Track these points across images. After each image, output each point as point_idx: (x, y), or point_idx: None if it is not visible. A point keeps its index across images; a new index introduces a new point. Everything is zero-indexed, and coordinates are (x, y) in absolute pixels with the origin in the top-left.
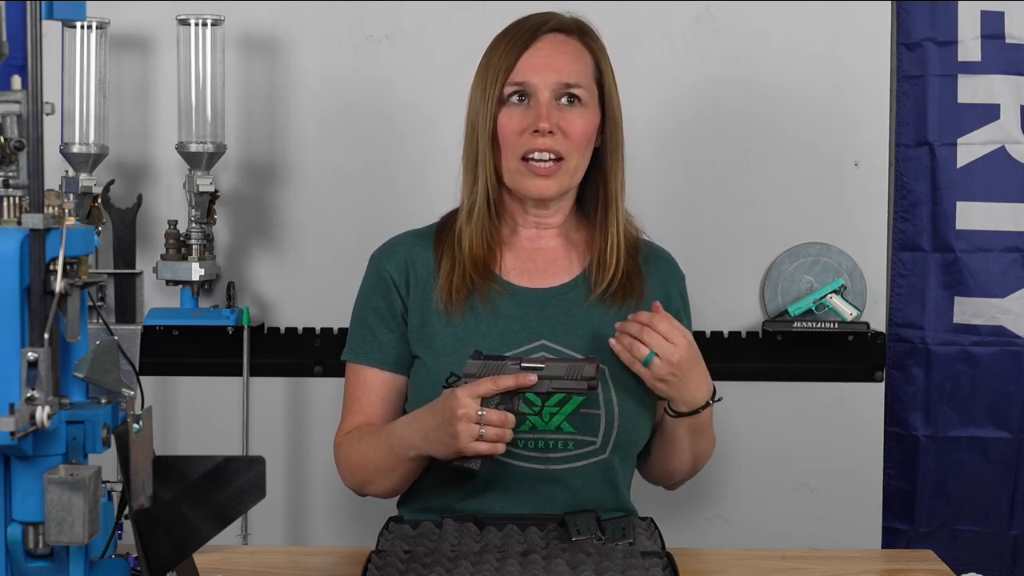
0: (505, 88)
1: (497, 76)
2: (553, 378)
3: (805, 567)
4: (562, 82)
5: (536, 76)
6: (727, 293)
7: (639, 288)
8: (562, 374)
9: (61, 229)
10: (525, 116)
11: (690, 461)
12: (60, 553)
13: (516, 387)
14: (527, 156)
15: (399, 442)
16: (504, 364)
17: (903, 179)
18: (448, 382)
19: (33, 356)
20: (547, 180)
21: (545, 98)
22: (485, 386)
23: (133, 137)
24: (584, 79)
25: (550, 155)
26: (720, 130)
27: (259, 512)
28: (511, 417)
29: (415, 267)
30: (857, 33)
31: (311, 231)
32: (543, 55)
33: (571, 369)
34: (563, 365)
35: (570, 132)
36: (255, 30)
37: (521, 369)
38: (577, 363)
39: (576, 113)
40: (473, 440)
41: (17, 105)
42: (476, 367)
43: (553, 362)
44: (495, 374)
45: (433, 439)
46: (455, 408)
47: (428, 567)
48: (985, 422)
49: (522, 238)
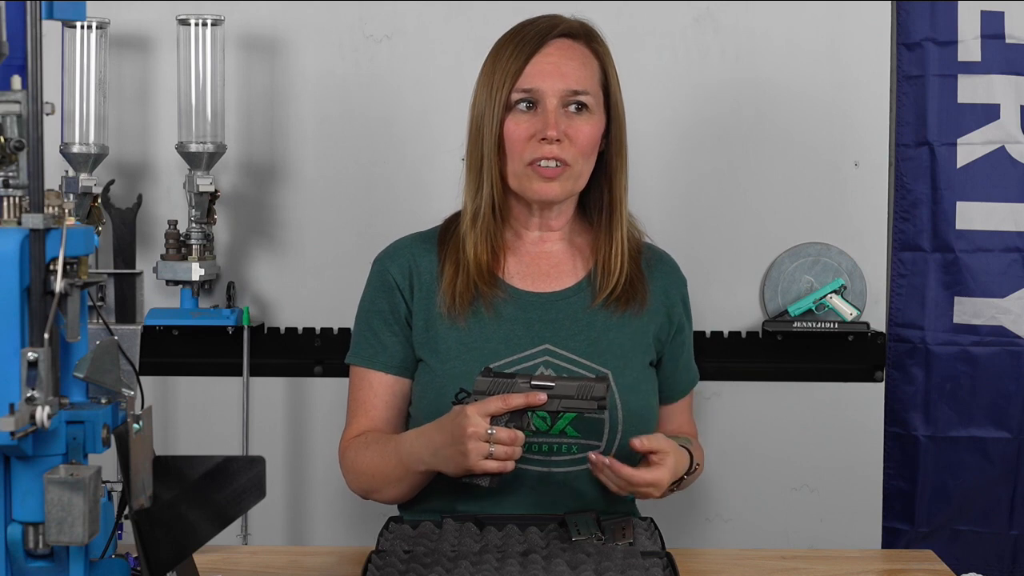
0: (512, 94)
1: (504, 81)
2: (563, 397)
3: (805, 567)
4: (570, 89)
5: (544, 83)
6: (727, 293)
7: (641, 293)
8: (572, 393)
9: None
10: (532, 123)
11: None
12: (60, 553)
13: (526, 406)
14: (533, 161)
15: (408, 456)
16: (514, 382)
17: (903, 179)
18: (458, 398)
19: (33, 356)
20: (552, 183)
21: (553, 105)
22: (495, 404)
23: (133, 137)
24: (591, 85)
25: (556, 161)
26: (720, 130)
27: (259, 512)
28: (520, 435)
29: (419, 270)
30: (857, 33)
31: (311, 231)
32: (551, 61)
33: (581, 389)
34: (573, 384)
35: (577, 139)
36: (255, 30)
37: (531, 388)
38: (588, 383)
39: (583, 120)
40: (483, 458)
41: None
42: (486, 384)
43: (563, 381)
44: (505, 392)
45: (442, 456)
46: (465, 426)
47: (428, 567)
48: (985, 422)
49: (526, 242)
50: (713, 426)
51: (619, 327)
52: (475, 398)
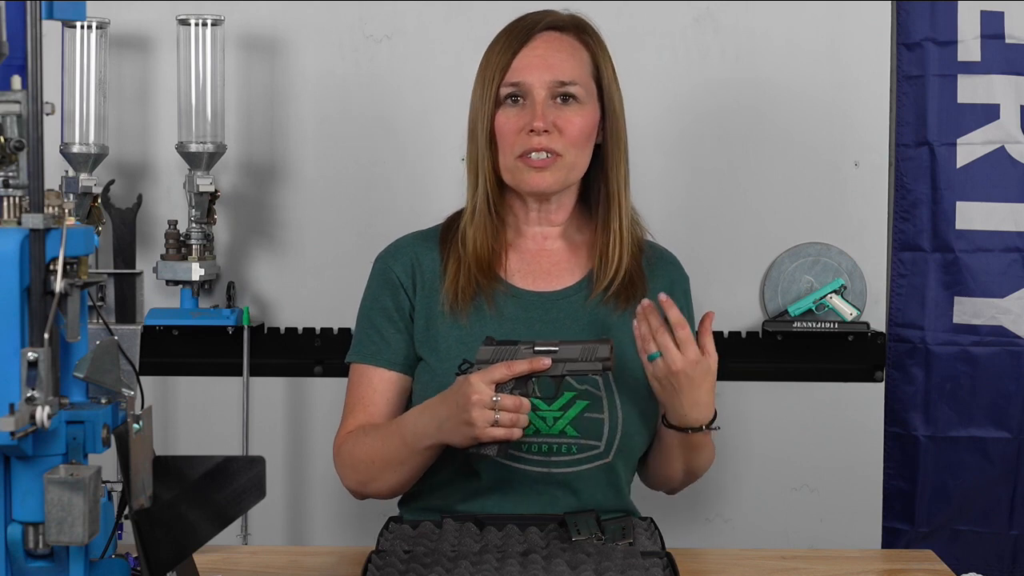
0: (501, 89)
1: (493, 76)
2: (567, 360)
3: (805, 567)
4: (557, 80)
5: (531, 75)
6: (727, 293)
7: (642, 291)
8: (576, 356)
9: (61, 229)
10: (521, 116)
11: (681, 471)
12: (60, 553)
13: (530, 371)
14: (523, 154)
15: (412, 433)
16: (517, 348)
17: (903, 179)
18: (461, 369)
19: (33, 356)
20: (543, 173)
21: (541, 97)
22: (499, 371)
23: (133, 137)
24: (580, 76)
25: (546, 152)
26: (720, 130)
27: (259, 512)
28: (526, 402)
29: (421, 268)
30: (857, 33)
31: (311, 231)
32: (538, 54)
33: (585, 351)
34: (577, 347)
35: (566, 130)
36: (255, 30)
37: (534, 353)
38: (591, 344)
39: (572, 111)
40: (489, 425)
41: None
42: (489, 353)
43: (567, 344)
44: (508, 359)
45: (448, 427)
46: (469, 394)
47: (428, 567)
48: (985, 422)
49: (527, 240)
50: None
51: (619, 325)
52: (478, 367)
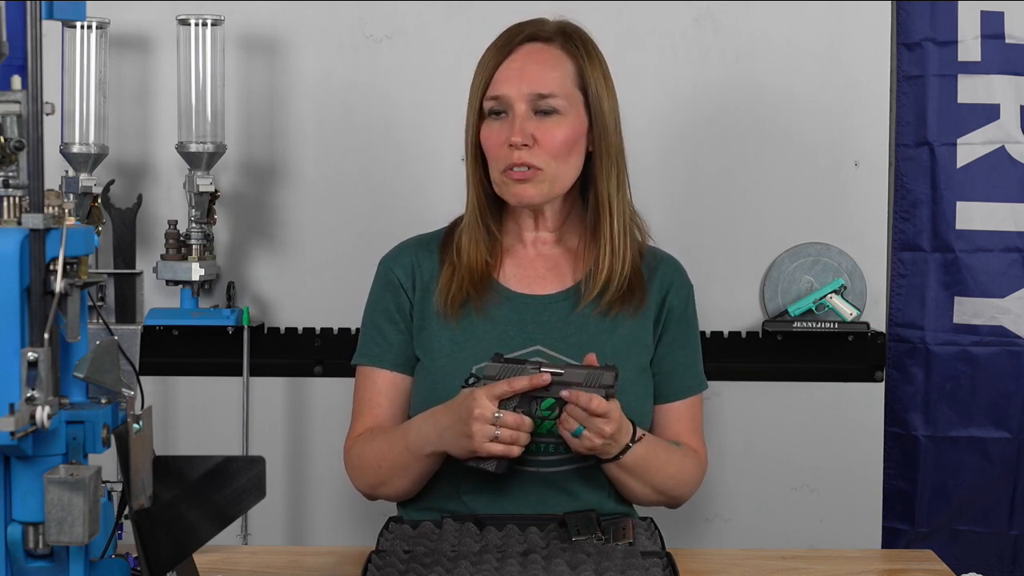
0: (484, 102)
1: (477, 89)
2: (572, 384)
3: (805, 567)
4: (535, 93)
5: (509, 88)
6: (727, 293)
7: (639, 295)
8: (580, 380)
9: (61, 229)
10: (503, 129)
11: (652, 491)
12: (60, 553)
13: (530, 387)
14: (507, 168)
15: (415, 439)
16: (524, 368)
17: (903, 179)
18: (467, 382)
19: (33, 356)
20: (526, 185)
21: (521, 110)
22: (501, 387)
23: (133, 137)
24: (560, 87)
25: (527, 166)
26: (720, 130)
27: (259, 512)
28: (527, 420)
29: (420, 271)
30: (857, 33)
31: (311, 231)
32: (516, 67)
33: (590, 376)
34: (582, 372)
35: (545, 142)
36: (255, 30)
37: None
38: (597, 370)
39: (553, 123)
40: (487, 440)
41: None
42: (496, 369)
43: (573, 368)
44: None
45: (448, 437)
46: (472, 408)
47: (428, 567)
48: (985, 422)
49: (526, 245)
50: (713, 426)
51: (612, 329)
52: (485, 382)
